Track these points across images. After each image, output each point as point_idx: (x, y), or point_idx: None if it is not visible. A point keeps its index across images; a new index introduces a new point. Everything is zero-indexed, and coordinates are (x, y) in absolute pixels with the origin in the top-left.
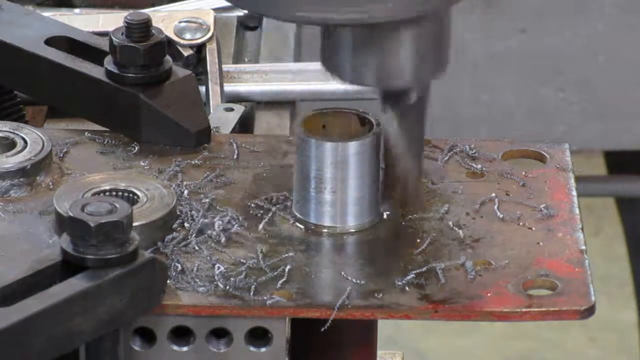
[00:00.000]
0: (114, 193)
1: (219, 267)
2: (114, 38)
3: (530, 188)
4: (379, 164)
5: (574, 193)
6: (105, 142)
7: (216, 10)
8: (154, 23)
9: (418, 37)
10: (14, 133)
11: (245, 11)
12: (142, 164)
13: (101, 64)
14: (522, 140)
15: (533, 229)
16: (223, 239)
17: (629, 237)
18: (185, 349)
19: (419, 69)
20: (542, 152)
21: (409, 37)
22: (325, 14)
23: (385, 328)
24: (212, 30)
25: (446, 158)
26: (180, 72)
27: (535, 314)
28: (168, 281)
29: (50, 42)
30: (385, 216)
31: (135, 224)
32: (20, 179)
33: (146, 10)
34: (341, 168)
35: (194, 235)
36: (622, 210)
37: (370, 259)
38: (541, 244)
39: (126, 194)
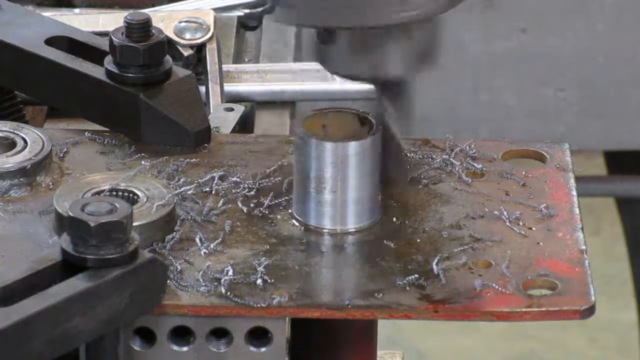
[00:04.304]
0: (114, 193)
1: (225, 269)
2: (114, 38)
3: (530, 188)
4: (379, 163)
5: (574, 193)
6: (105, 142)
7: (216, 10)
8: (154, 23)
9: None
10: (14, 133)
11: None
12: (143, 163)
13: (101, 64)
14: (522, 140)
15: (533, 229)
16: (223, 239)
17: (629, 237)
18: (185, 349)
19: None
20: (542, 152)
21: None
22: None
23: (385, 328)
24: (212, 30)
25: (446, 158)
26: (180, 72)
27: (535, 314)
28: (168, 281)
29: (50, 42)
30: (385, 216)
31: (135, 224)
32: (20, 179)
33: (146, 10)
34: (341, 168)
35: (194, 235)
36: (622, 210)
37: (370, 259)
38: (541, 244)
39: (126, 194)
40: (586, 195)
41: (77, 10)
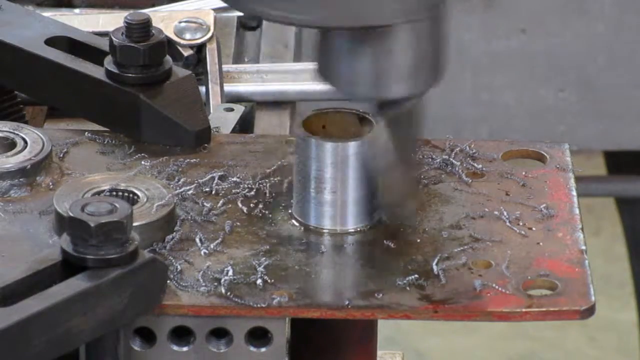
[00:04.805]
0: (114, 193)
1: (225, 269)
2: (114, 38)
3: (530, 188)
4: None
5: (574, 193)
6: (105, 142)
7: (216, 10)
8: (154, 23)
9: (413, 44)
10: (14, 133)
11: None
12: (143, 164)
13: (101, 64)
14: (522, 140)
15: (533, 229)
16: (223, 239)
17: (629, 237)
18: (185, 349)
19: (416, 77)
20: (542, 152)
21: (404, 44)
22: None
23: (385, 328)
24: (212, 30)
25: (446, 158)
26: (180, 72)
27: (535, 314)
28: (168, 281)
29: (50, 42)
30: (384, 216)
31: (135, 224)
32: (20, 179)
33: (146, 10)
34: (341, 168)
35: (194, 235)
36: (622, 210)
37: (370, 259)
38: (541, 244)
39: (126, 194)
40: (586, 195)
41: (77, 10)
